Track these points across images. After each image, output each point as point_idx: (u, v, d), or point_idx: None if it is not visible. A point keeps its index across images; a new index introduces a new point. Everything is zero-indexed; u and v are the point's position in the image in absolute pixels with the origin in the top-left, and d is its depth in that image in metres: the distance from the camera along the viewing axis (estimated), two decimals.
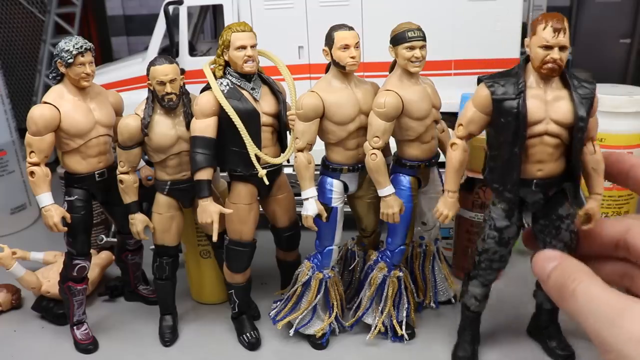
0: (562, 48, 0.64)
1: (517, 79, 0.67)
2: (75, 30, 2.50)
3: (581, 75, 0.70)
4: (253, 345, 1.18)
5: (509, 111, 0.66)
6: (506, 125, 0.67)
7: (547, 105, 0.67)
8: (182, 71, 1.18)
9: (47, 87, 2.21)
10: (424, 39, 1.03)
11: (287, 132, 1.17)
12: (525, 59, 0.70)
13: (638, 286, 0.56)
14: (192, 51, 1.99)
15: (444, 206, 0.82)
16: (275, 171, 1.17)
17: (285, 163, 1.19)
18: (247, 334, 1.19)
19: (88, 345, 1.20)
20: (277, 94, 1.14)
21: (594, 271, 0.48)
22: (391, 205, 1.07)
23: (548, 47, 0.64)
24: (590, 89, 0.67)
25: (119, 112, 1.22)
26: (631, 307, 0.42)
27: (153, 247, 1.22)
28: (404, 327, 1.16)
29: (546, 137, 0.68)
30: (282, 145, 1.17)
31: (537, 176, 0.70)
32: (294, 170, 1.12)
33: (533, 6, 2.15)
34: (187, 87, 1.15)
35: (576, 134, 0.66)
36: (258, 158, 1.10)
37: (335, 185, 1.12)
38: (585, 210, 0.69)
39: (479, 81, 0.69)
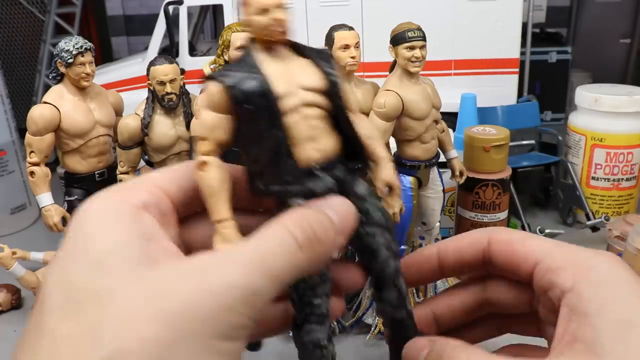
0: (280, 7, 0.54)
1: (246, 61, 0.56)
2: (75, 30, 2.50)
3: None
4: (253, 345, 1.18)
5: (252, 92, 0.54)
6: (256, 110, 0.55)
7: (290, 74, 0.56)
8: (182, 71, 1.18)
9: (47, 87, 2.21)
10: (424, 38, 1.03)
11: None
12: (251, 39, 0.58)
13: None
14: (192, 51, 1.99)
15: (222, 241, 0.56)
16: None
17: None
18: None
19: None
20: None
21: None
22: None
23: (266, 11, 0.53)
24: (332, 63, 0.56)
25: (119, 112, 1.22)
26: None
27: None
28: None
29: (305, 108, 0.55)
30: None
31: (316, 158, 0.57)
32: None
33: (533, 6, 2.15)
34: (187, 87, 1.15)
35: (335, 100, 0.56)
36: None
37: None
38: (385, 182, 0.59)
39: (208, 79, 0.57)
